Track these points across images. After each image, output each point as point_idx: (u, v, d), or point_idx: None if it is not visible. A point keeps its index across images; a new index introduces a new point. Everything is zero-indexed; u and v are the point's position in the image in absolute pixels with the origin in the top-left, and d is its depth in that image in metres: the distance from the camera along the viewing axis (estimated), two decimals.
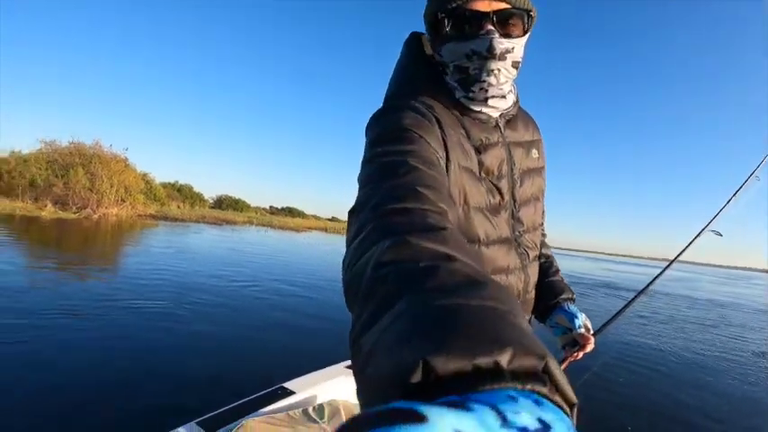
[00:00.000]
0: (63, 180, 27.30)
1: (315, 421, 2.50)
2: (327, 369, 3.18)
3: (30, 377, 5.04)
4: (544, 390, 0.31)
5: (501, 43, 0.99)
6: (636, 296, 1.91)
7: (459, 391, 0.29)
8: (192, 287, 10.94)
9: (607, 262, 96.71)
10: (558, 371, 0.33)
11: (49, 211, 25.20)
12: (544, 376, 0.32)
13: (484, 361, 0.32)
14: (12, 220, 21.07)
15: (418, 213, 0.63)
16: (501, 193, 1.10)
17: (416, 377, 0.32)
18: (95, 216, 27.05)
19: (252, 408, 2.50)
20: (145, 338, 6.82)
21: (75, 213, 26.32)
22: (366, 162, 0.87)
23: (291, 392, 2.73)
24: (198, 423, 2.28)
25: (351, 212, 0.76)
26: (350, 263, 0.60)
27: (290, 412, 2.53)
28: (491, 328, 0.36)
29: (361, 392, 0.42)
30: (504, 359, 0.32)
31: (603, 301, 18.13)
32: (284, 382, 2.88)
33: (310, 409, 2.60)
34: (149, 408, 4.51)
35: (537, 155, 1.24)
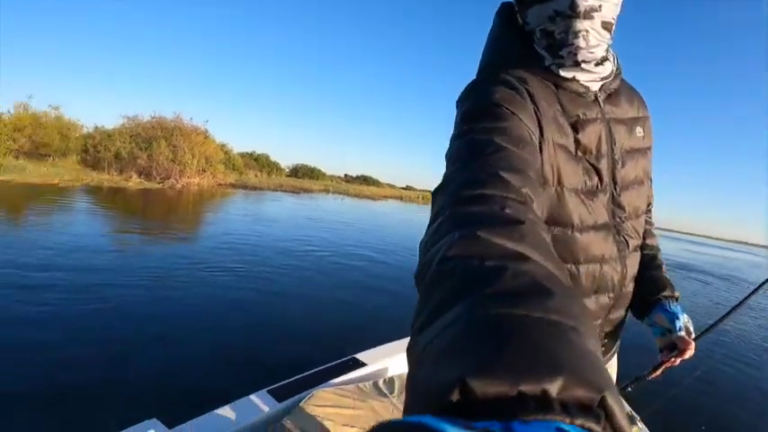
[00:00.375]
0: (146, 152, 27.75)
1: (385, 395, 2.46)
2: (400, 341, 3.13)
3: (110, 335, 5.23)
4: (596, 428, 0.28)
5: (584, 0, 0.91)
6: (747, 297, 1.52)
7: (500, 418, 0.27)
8: (271, 253, 10.95)
9: (686, 242, 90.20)
10: (617, 406, 0.30)
11: (134, 182, 25.74)
12: (599, 411, 0.29)
13: (530, 388, 0.29)
14: (100, 192, 21.62)
15: (497, 202, 0.59)
16: (600, 175, 1.03)
17: (454, 397, 0.29)
18: (178, 186, 27.49)
19: (322, 378, 2.51)
20: (222, 303, 6.84)
21: (159, 183, 26.82)
22: (454, 138, 0.84)
23: (363, 364, 2.73)
24: (269, 391, 2.31)
25: (434, 192, 0.71)
26: (424, 248, 0.59)
27: (361, 384, 2.50)
28: (547, 347, 0.33)
29: (406, 392, 0.38)
30: (553, 387, 0.29)
31: (688, 284, 16.60)
32: (356, 353, 2.88)
33: (381, 383, 2.56)
34: (221, 373, 4.52)
35: (642, 133, 1.14)
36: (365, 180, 78.74)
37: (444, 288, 0.44)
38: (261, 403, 2.22)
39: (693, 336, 1.18)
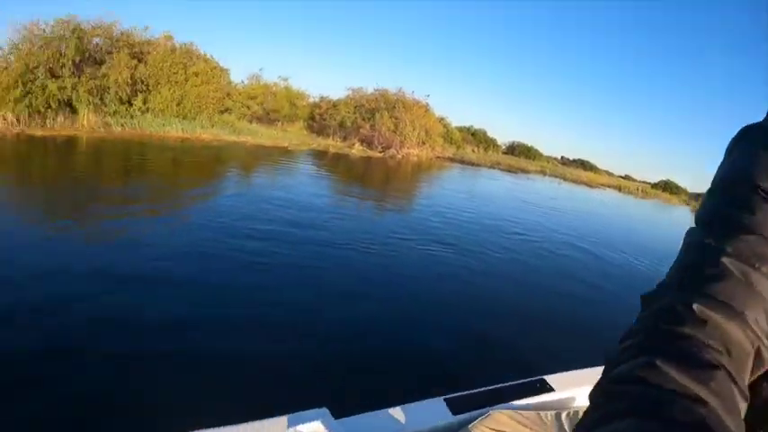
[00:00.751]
0: (369, 123, 27.88)
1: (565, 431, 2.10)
2: (594, 370, 2.53)
3: (309, 297, 5.20)
4: None
5: None
6: None
7: None
8: (479, 235, 10.06)
9: None
10: None
11: (357, 150, 25.89)
12: None
13: None
14: (324, 156, 22.26)
15: (694, 344, 0.53)
16: None
17: None
18: (399, 156, 26.70)
19: (503, 397, 2.24)
20: (425, 279, 6.55)
21: (380, 153, 26.37)
22: (696, 217, 0.67)
23: (550, 389, 2.36)
24: (446, 400, 2.11)
25: (643, 297, 0.62)
26: (610, 364, 0.56)
27: (542, 413, 2.16)
28: None
29: None
30: None
31: None
32: (547, 374, 2.48)
33: (563, 415, 2.19)
34: (406, 362, 4.12)
35: None
36: (582, 164, 71.91)
37: (617, 405, 0.45)
38: (434, 412, 2.01)
39: None
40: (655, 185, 66.47)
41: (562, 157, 73.49)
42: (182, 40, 23.50)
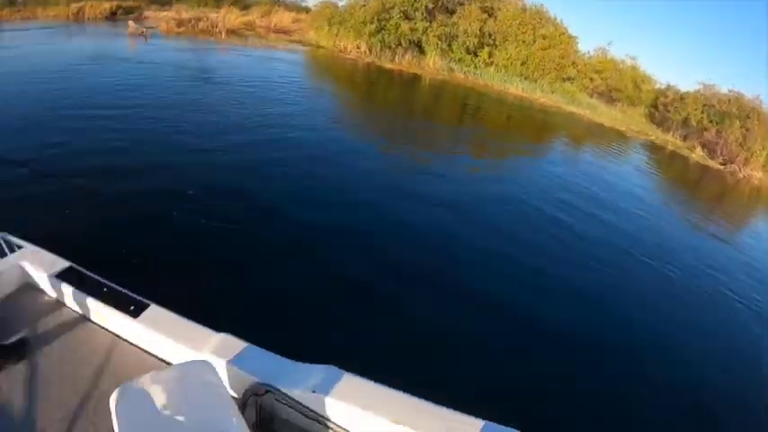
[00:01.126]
0: (716, 127, 23.07)
1: None
2: None
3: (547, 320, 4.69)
4: None
5: None
6: None
7: None
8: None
9: None
10: None
11: (697, 154, 21.69)
12: None
13: None
14: (659, 152, 19.74)
15: None
16: None
17: None
18: (740, 175, 21.86)
19: None
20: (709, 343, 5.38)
21: (721, 165, 21.61)
22: None
23: None
24: None
25: None
26: None
27: None
28: None
29: None
30: None
31: None
32: None
33: None
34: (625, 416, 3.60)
35: None
36: None
37: None
38: None
39: None
40: None
41: None
42: (532, 1, 23.11)
